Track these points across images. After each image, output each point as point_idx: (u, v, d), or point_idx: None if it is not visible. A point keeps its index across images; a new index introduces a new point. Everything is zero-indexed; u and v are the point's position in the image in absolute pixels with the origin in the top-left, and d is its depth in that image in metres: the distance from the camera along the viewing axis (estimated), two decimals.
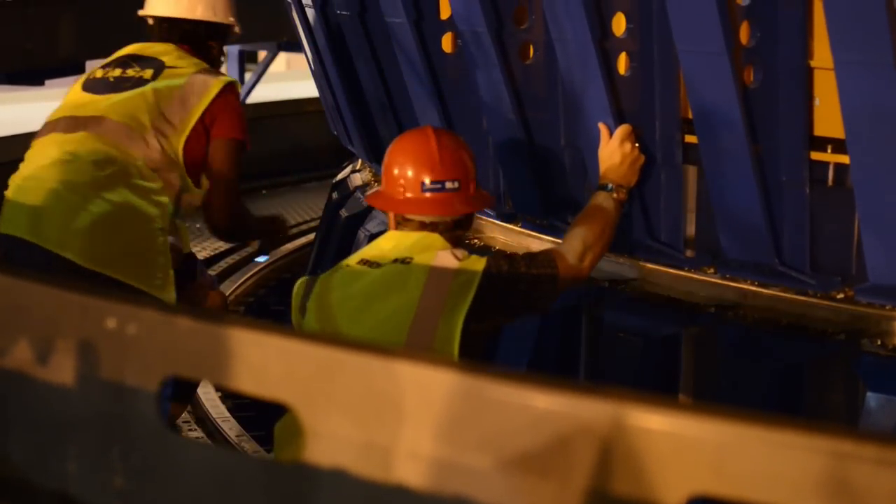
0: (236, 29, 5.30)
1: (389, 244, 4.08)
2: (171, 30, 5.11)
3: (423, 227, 4.08)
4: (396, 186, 4.11)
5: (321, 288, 4.03)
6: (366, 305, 3.93)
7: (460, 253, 4.02)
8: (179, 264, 5.01)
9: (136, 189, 4.70)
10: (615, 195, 4.41)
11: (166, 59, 4.97)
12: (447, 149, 4.15)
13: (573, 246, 4.21)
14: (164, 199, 4.76)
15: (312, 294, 4.02)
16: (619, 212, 4.41)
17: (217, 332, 2.09)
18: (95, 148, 4.69)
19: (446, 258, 3.97)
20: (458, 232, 4.14)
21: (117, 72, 4.93)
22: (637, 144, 4.56)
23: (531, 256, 4.13)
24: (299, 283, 4.11)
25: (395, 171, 4.12)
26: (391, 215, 4.16)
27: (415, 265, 3.96)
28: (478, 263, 3.97)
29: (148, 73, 4.88)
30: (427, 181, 4.08)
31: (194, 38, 5.12)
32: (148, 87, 4.84)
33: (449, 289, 3.91)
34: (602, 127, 4.60)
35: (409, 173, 4.09)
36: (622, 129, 4.55)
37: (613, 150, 4.53)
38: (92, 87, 4.92)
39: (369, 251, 4.11)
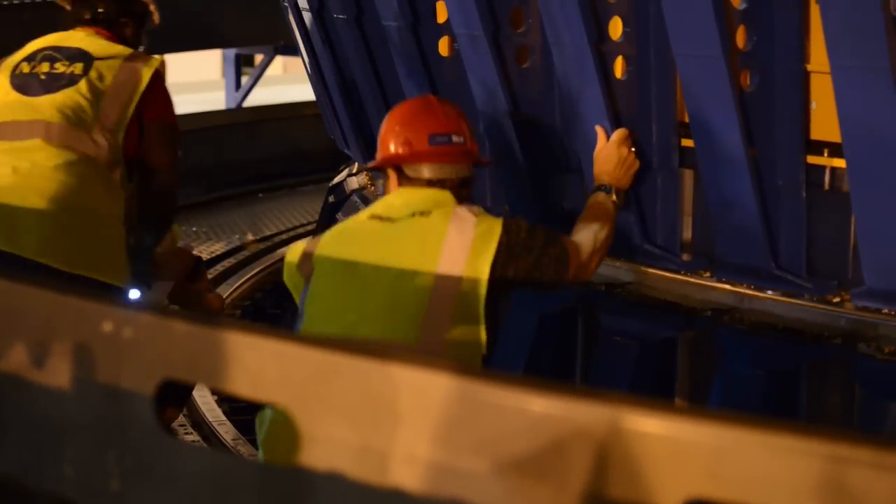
0: (153, 8, 5.28)
1: (400, 200, 4.08)
2: (82, 7, 5.11)
3: (430, 185, 4.08)
4: (401, 144, 4.12)
5: (329, 246, 4.03)
6: (389, 256, 3.93)
7: (475, 209, 4.04)
8: (188, 265, 5.06)
9: (101, 188, 4.74)
10: (613, 197, 4.43)
11: (91, 49, 4.94)
12: (449, 107, 4.23)
13: (586, 242, 4.22)
14: (121, 194, 4.80)
15: (317, 254, 4.01)
16: (614, 213, 4.42)
17: (213, 335, 2.09)
18: (52, 153, 4.70)
19: (463, 212, 3.99)
20: (463, 192, 4.15)
21: (45, 66, 4.88)
22: (633, 149, 4.56)
23: (551, 235, 4.11)
24: (293, 249, 4.10)
25: (399, 129, 4.14)
26: (393, 178, 4.15)
27: (434, 216, 3.97)
28: (495, 218, 4.00)
29: (78, 67, 4.85)
30: (434, 134, 4.11)
31: (107, 17, 5.12)
32: (82, 84, 4.82)
33: (473, 236, 3.91)
34: (599, 130, 4.61)
35: (416, 128, 4.12)
36: (619, 133, 4.56)
37: (610, 153, 4.53)
38: (23, 86, 4.86)
39: (378, 208, 4.10)
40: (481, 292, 3.86)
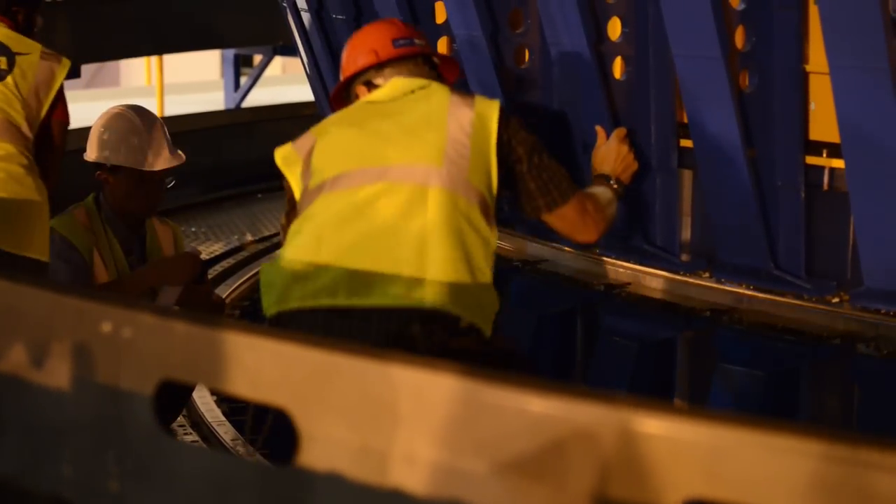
0: None
1: (391, 87, 4.09)
2: None
3: None
4: (366, 54, 4.18)
5: (331, 123, 4.05)
6: (398, 118, 3.94)
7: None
8: (196, 270, 5.12)
9: (36, 179, 5.06)
10: (614, 185, 4.41)
11: (7, 43, 5.14)
12: (407, 22, 4.42)
13: (590, 201, 4.20)
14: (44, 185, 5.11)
15: (318, 129, 4.04)
16: (616, 204, 4.39)
17: (212, 336, 2.09)
18: None
19: (458, 92, 4.03)
20: None
21: None
22: (633, 149, 4.55)
23: (554, 165, 4.12)
24: (283, 148, 4.13)
25: (360, 43, 4.21)
26: (364, 95, 4.17)
27: (433, 87, 4.02)
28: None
29: (2, 61, 5.02)
30: (396, 38, 4.18)
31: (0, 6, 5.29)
32: (10, 80, 5.07)
33: (475, 100, 3.95)
34: (599, 129, 4.61)
35: (378, 38, 4.19)
36: (618, 131, 4.56)
37: (609, 150, 4.52)
38: None
39: (373, 97, 4.11)
40: (492, 140, 3.86)
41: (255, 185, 11.24)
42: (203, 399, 6.24)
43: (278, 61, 19.48)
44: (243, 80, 14.98)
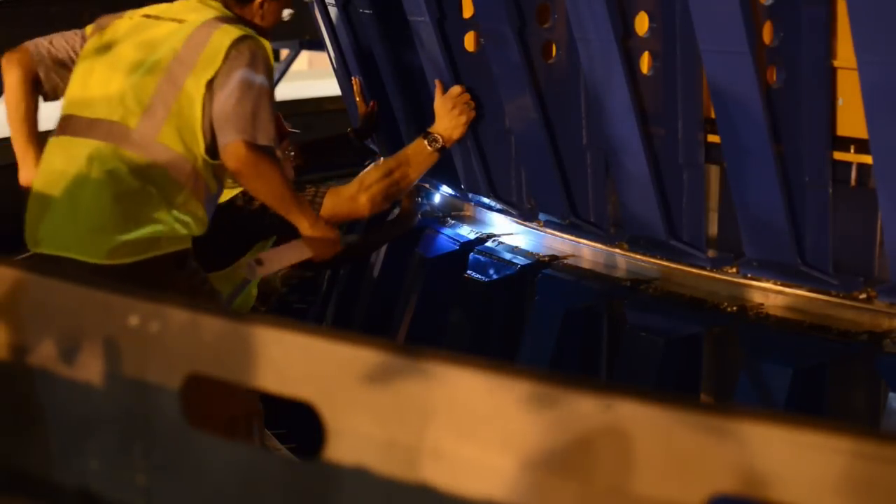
0: None
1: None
2: None
3: None
4: None
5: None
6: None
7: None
8: None
9: None
10: (429, 145, 5.06)
11: None
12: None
13: (367, 177, 4.89)
14: None
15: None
16: (428, 159, 5.06)
17: (240, 330, 2.09)
18: None
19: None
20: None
21: None
22: (467, 103, 5.20)
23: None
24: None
25: None
26: None
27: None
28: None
29: None
30: None
31: None
32: None
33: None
34: (437, 83, 5.27)
35: None
36: (452, 89, 5.23)
37: (440, 106, 5.21)
38: None
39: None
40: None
41: None
42: None
43: (305, 56, 19.48)
44: None
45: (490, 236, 5.67)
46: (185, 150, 4.09)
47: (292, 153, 5.52)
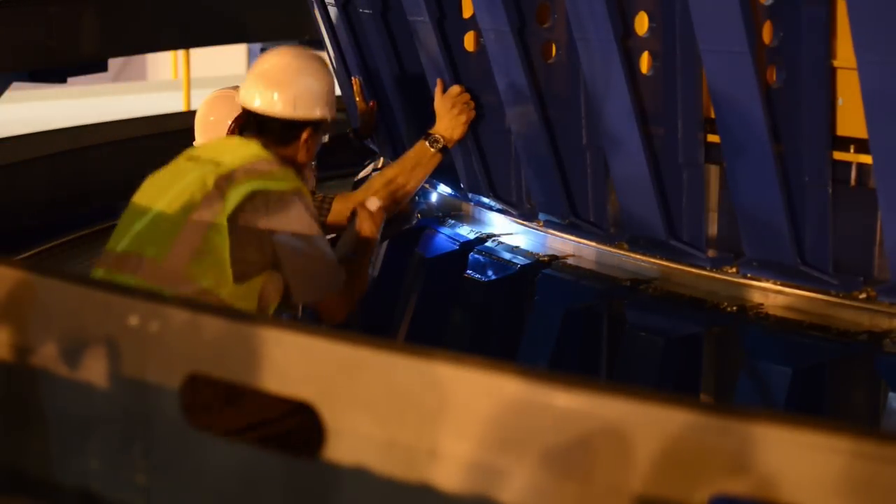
0: None
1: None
2: None
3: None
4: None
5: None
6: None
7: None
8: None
9: None
10: (431, 146, 5.14)
11: None
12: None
13: (358, 192, 4.98)
14: None
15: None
16: (432, 160, 5.14)
17: (240, 330, 2.09)
18: None
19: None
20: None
21: None
22: (467, 103, 5.24)
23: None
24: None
25: None
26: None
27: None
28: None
29: None
30: None
31: None
32: None
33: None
34: (438, 82, 5.30)
35: None
36: (451, 88, 5.27)
37: (440, 106, 5.27)
38: None
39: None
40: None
41: None
42: None
43: None
44: None
45: (490, 236, 5.67)
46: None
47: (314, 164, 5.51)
